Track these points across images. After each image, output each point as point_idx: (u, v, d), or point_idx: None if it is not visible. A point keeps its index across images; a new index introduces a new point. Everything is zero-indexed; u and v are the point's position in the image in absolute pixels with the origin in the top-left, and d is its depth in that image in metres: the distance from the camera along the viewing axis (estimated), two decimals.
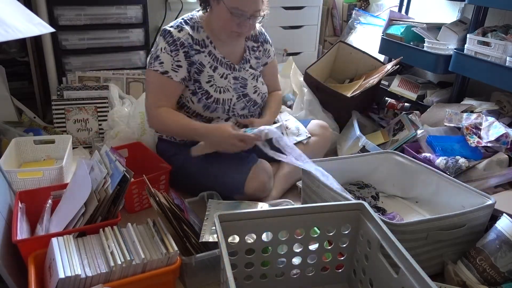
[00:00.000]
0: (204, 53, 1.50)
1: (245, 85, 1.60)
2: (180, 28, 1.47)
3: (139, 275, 1.01)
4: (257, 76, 1.64)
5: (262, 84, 1.66)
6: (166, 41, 1.46)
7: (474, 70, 1.78)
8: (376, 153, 1.58)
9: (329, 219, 1.07)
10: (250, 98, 1.61)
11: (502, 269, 1.11)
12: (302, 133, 1.72)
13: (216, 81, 1.53)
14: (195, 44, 1.48)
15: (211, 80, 1.52)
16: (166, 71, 1.45)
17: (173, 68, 1.46)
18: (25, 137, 1.74)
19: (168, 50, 1.45)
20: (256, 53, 1.65)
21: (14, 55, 2.32)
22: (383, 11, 2.64)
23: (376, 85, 2.07)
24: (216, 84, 1.53)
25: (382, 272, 0.97)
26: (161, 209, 1.15)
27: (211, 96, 1.52)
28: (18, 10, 1.19)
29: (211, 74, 1.52)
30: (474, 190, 1.29)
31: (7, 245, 1.06)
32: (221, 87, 1.54)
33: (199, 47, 1.49)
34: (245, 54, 1.61)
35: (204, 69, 1.50)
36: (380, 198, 1.50)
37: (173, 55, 1.45)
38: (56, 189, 1.30)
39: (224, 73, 1.55)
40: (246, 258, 1.05)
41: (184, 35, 1.46)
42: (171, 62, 1.45)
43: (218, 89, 1.53)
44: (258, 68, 1.66)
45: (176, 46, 1.45)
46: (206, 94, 1.51)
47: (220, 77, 1.54)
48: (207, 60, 1.51)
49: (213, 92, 1.52)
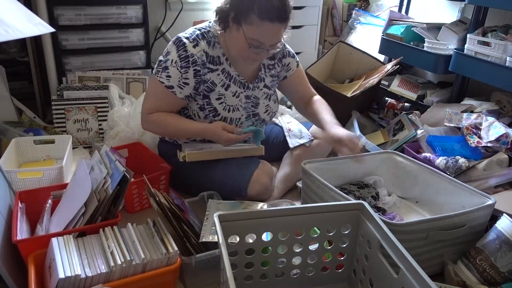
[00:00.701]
0: (217, 71, 1.44)
1: (256, 104, 1.54)
2: (196, 43, 1.39)
3: (139, 275, 1.01)
4: (271, 95, 1.58)
5: (274, 102, 1.61)
6: (178, 54, 1.38)
7: (474, 70, 1.78)
8: (376, 153, 1.58)
9: (329, 219, 1.07)
10: (260, 118, 1.56)
11: (502, 269, 1.11)
12: (304, 136, 1.72)
13: (227, 99, 1.47)
14: (209, 63, 1.42)
15: (222, 98, 1.46)
16: (172, 86, 1.40)
17: (179, 85, 1.40)
18: (25, 137, 1.74)
19: (179, 66, 1.38)
20: (272, 71, 1.57)
21: (14, 55, 2.32)
22: (383, 11, 2.64)
23: (376, 85, 2.07)
24: (226, 102, 1.47)
25: (382, 272, 0.97)
26: (161, 209, 1.15)
27: (218, 114, 1.47)
28: (18, 10, 1.19)
29: (222, 93, 1.46)
30: (474, 190, 1.29)
31: (7, 245, 1.06)
32: (231, 106, 1.48)
33: (213, 65, 1.43)
34: (260, 72, 1.54)
35: (215, 88, 1.45)
36: (380, 198, 1.50)
37: (182, 71, 1.39)
38: (56, 189, 1.30)
39: (237, 92, 1.49)
40: (246, 258, 1.05)
41: (198, 51, 1.39)
42: (178, 78, 1.39)
43: (228, 107, 1.48)
44: (273, 87, 1.60)
45: (187, 62, 1.38)
46: (214, 111, 1.46)
47: (232, 96, 1.48)
48: (220, 78, 1.45)
49: (222, 110, 1.47)
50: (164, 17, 2.42)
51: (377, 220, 1.00)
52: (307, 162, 1.39)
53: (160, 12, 2.42)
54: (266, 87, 1.56)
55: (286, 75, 1.62)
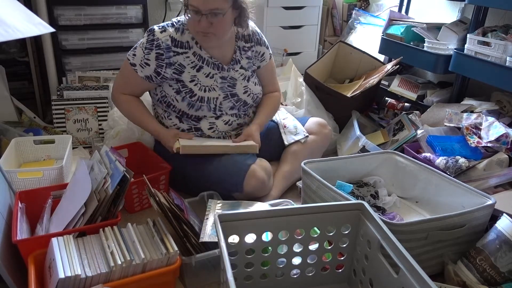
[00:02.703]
0: (185, 54, 1.50)
1: (233, 85, 1.58)
2: (164, 29, 1.50)
3: (139, 275, 1.01)
4: (248, 76, 1.62)
5: (254, 84, 1.64)
6: (147, 38, 1.49)
7: (474, 70, 1.78)
8: (376, 153, 1.58)
9: (329, 219, 1.07)
10: (239, 98, 1.60)
11: (502, 269, 1.11)
12: (300, 132, 1.72)
13: (201, 80, 1.53)
14: (175, 46, 1.49)
15: (195, 79, 1.52)
16: (134, 63, 1.51)
17: (141, 64, 1.50)
18: (25, 137, 1.74)
19: (143, 47, 1.49)
20: (247, 53, 1.61)
21: (14, 55, 2.32)
22: (383, 11, 2.64)
23: (376, 85, 2.07)
24: (200, 83, 1.53)
25: (382, 272, 0.97)
26: (161, 209, 1.15)
27: (195, 95, 1.52)
28: (18, 10, 1.19)
29: (193, 74, 1.52)
30: (474, 190, 1.29)
31: (7, 245, 1.06)
32: (206, 86, 1.54)
33: (180, 48, 1.50)
34: (234, 55, 1.59)
35: (184, 70, 1.51)
36: (379, 198, 1.50)
37: (145, 52, 1.49)
38: (56, 189, 1.31)
39: (210, 73, 1.54)
40: (246, 258, 1.05)
41: (164, 36, 1.48)
42: (141, 58, 1.49)
43: (203, 87, 1.53)
44: (250, 68, 1.63)
45: (151, 45, 1.48)
46: (190, 92, 1.52)
47: (206, 77, 1.54)
48: (189, 60, 1.51)
49: (197, 91, 1.52)
50: (164, 17, 2.42)
51: (377, 220, 1.00)
52: (307, 162, 1.39)
53: (160, 12, 2.42)
54: (242, 68, 1.61)
55: (260, 65, 1.67)
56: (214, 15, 1.39)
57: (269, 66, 1.71)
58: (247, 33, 1.61)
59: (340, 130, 2.06)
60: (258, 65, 1.66)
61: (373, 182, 1.55)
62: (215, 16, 1.40)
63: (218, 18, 1.40)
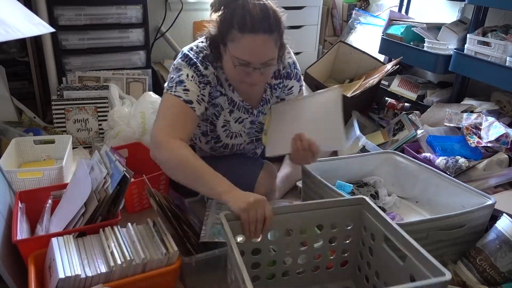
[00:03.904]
0: (224, 96, 1.35)
1: (261, 130, 1.45)
2: (205, 66, 1.27)
3: (139, 275, 1.01)
4: None
5: None
6: (194, 71, 1.26)
7: (474, 70, 1.78)
8: (376, 153, 1.58)
9: (331, 215, 1.07)
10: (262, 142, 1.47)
11: (502, 269, 1.11)
12: None
13: (231, 126, 1.40)
14: (219, 85, 1.32)
15: (226, 125, 1.39)
16: (191, 100, 1.23)
17: (198, 100, 1.25)
18: (25, 137, 1.74)
19: (197, 81, 1.25)
20: (277, 91, 1.43)
21: (14, 55, 2.32)
22: (383, 11, 2.64)
23: (376, 85, 2.07)
24: (230, 129, 1.40)
25: (388, 263, 0.97)
26: (161, 209, 1.15)
27: (220, 141, 1.42)
28: (18, 10, 1.19)
29: (227, 119, 1.38)
30: (474, 190, 1.29)
31: (7, 245, 1.06)
32: (234, 133, 1.42)
33: (222, 88, 1.33)
34: (265, 94, 1.40)
35: (221, 113, 1.37)
36: (379, 198, 1.50)
37: (200, 87, 1.26)
38: (56, 189, 1.31)
39: (241, 117, 1.40)
40: (253, 258, 1.04)
41: (210, 73, 1.28)
42: (197, 93, 1.25)
43: (231, 134, 1.42)
44: None
45: (204, 80, 1.27)
46: (217, 138, 1.42)
47: (235, 122, 1.40)
48: (226, 103, 1.36)
49: (224, 138, 1.42)
50: (164, 17, 2.42)
51: (379, 212, 1.01)
52: None
53: (160, 12, 2.42)
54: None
55: (284, 98, 1.45)
56: (267, 65, 1.20)
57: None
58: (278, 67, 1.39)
59: None
60: (282, 97, 1.45)
61: (373, 182, 1.55)
62: (268, 67, 1.21)
63: (269, 69, 1.23)
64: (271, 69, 1.25)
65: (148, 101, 1.87)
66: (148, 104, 1.85)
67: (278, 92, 1.44)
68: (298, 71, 1.44)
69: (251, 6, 1.15)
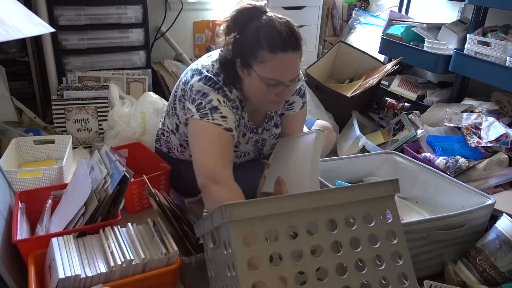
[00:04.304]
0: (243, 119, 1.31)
1: (263, 146, 1.45)
2: (230, 89, 1.21)
3: (139, 275, 1.01)
4: (278, 134, 1.44)
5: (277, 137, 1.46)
6: (223, 96, 1.19)
7: (474, 70, 1.78)
8: (376, 153, 1.58)
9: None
10: (264, 154, 1.49)
11: (502, 269, 1.11)
12: None
13: (241, 147, 1.38)
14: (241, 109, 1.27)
15: (238, 147, 1.37)
16: (231, 128, 1.16)
17: (235, 127, 1.19)
18: (25, 137, 1.74)
19: (229, 106, 1.19)
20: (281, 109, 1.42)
21: (14, 55, 2.32)
22: (383, 11, 2.64)
23: (376, 85, 2.07)
24: (240, 150, 1.39)
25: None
26: (161, 209, 1.15)
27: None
28: (18, 10, 1.19)
29: (240, 141, 1.35)
30: (474, 190, 1.29)
31: (7, 245, 1.06)
32: (243, 152, 1.41)
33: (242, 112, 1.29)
34: (268, 111, 1.38)
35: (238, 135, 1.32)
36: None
37: (234, 112, 1.20)
38: (56, 189, 1.31)
39: (248, 138, 1.38)
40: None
41: (235, 97, 1.23)
42: (233, 119, 1.18)
43: (240, 154, 1.40)
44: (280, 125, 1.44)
45: (235, 105, 1.22)
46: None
47: (245, 143, 1.38)
48: (242, 126, 1.33)
49: (234, 158, 1.37)
50: (164, 17, 2.42)
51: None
52: None
53: (160, 12, 2.42)
54: (275, 125, 1.41)
55: (284, 113, 1.41)
56: (294, 82, 1.20)
57: (299, 115, 1.42)
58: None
59: (340, 130, 2.06)
60: (282, 112, 1.40)
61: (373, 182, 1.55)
62: (295, 83, 1.20)
63: (296, 83, 1.22)
64: (296, 84, 1.24)
65: (148, 101, 1.87)
66: (148, 104, 1.86)
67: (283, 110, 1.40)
68: (303, 87, 1.40)
69: (277, 24, 1.15)
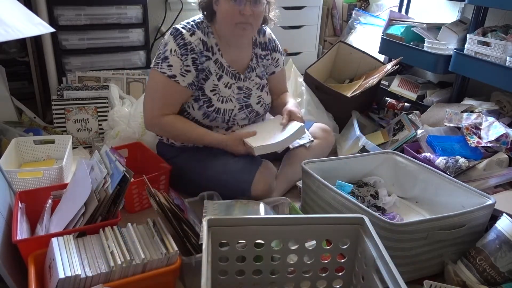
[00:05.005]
0: (212, 60, 1.46)
1: (248, 95, 1.56)
2: (193, 32, 1.42)
3: (139, 275, 1.01)
4: (263, 85, 1.60)
5: (267, 94, 1.63)
6: (177, 43, 1.40)
7: (474, 70, 1.78)
8: (376, 153, 1.58)
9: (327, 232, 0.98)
10: (253, 109, 1.58)
11: (502, 269, 1.11)
12: (305, 137, 1.71)
13: (220, 90, 1.49)
14: (206, 50, 1.44)
15: (216, 89, 1.49)
16: (174, 75, 1.40)
17: (181, 73, 1.40)
18: (25, 137, 1.74)
19: (178, 54, 1.40)
20: (263, 61, 1.60)
21: (14, 55, 2.32)
22: (383, 11, 2.64)
23: (376, 85, 2.07)
24: (219, 93, 1.49)
25: None
26: (161, 209, 1.15)
27: (212, 105, 1.49)
28: (18, 10, 1.19)
29: (216, 83, 1.48)
30: (474, 190, 1.29)
31: (7, 245, 1.06)
32: (224, 97, 1.50)
33: (209, 53, 1.45)
34: (251, 62, 1.56)
35: (210, 77, 1.47)
36: (379, 198, 1.50)
37: (183, 59, 1.40)
38: (56, 189, 1.30)
39: (229, 83, 1.51)
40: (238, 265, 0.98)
41: (195, 39, 1.41)
42: (180, 67, 1.40)
43: (221, 98, 1.50)
44: (264, 77, 1.62)
45: (186, 50, 1.40)
46: (208, 102, 1.48)
47: (224, 87, 1.50)
48: (214, 68, 1.47)
49: (215, 101, 1.49)
50: (164, 17, 2.42)
51: (375, 238, 0.92)
52: (307, 162, 1.39)
53: (160, 12, 2.42)
54: (258, 76, 1.58)
55: (275, 71, 1.66)
56: (256, 2, 1.37)
57: (283, 71, 1.72)
58: (263, 40, 1.60)
59: (340, 130, 2.06)
60: (273, 70, 1.65)
61: (373, 182, 1.55)
62: (256, 4, 1.38)
63: (258, 7, 1.39)
64: (260, 12, 1.41)
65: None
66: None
67: (268, 65, 1.62)
68: (279, 46, 1.66)
69: None
